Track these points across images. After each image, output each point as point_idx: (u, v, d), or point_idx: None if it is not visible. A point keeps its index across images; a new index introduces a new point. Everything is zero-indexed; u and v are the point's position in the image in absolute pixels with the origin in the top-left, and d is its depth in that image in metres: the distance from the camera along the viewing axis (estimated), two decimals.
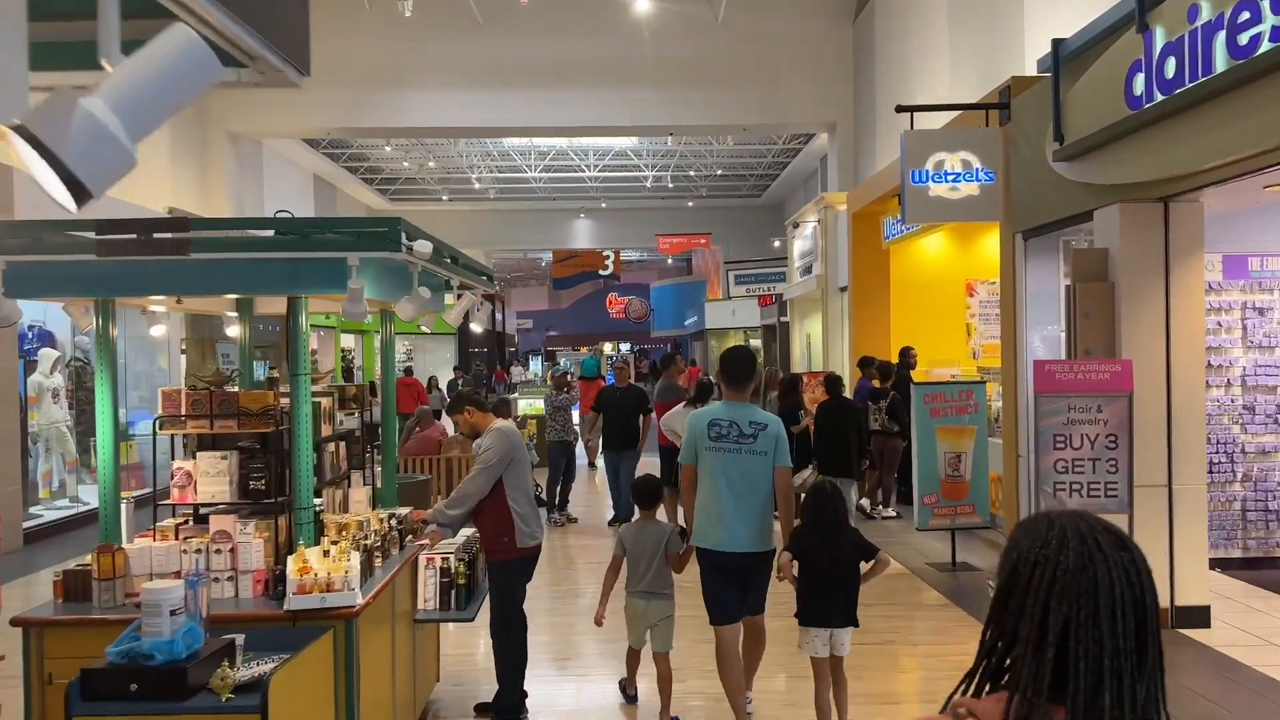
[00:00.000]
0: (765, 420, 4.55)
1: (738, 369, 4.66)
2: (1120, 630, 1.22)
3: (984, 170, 8.01)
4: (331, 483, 4.56)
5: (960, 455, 8.05)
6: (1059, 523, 1.30)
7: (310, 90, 17.41)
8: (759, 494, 4.46)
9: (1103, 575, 1.23)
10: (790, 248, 16.57)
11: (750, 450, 4.44)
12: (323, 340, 27.22)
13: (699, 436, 4.51)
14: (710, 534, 4.46)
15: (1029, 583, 1.27)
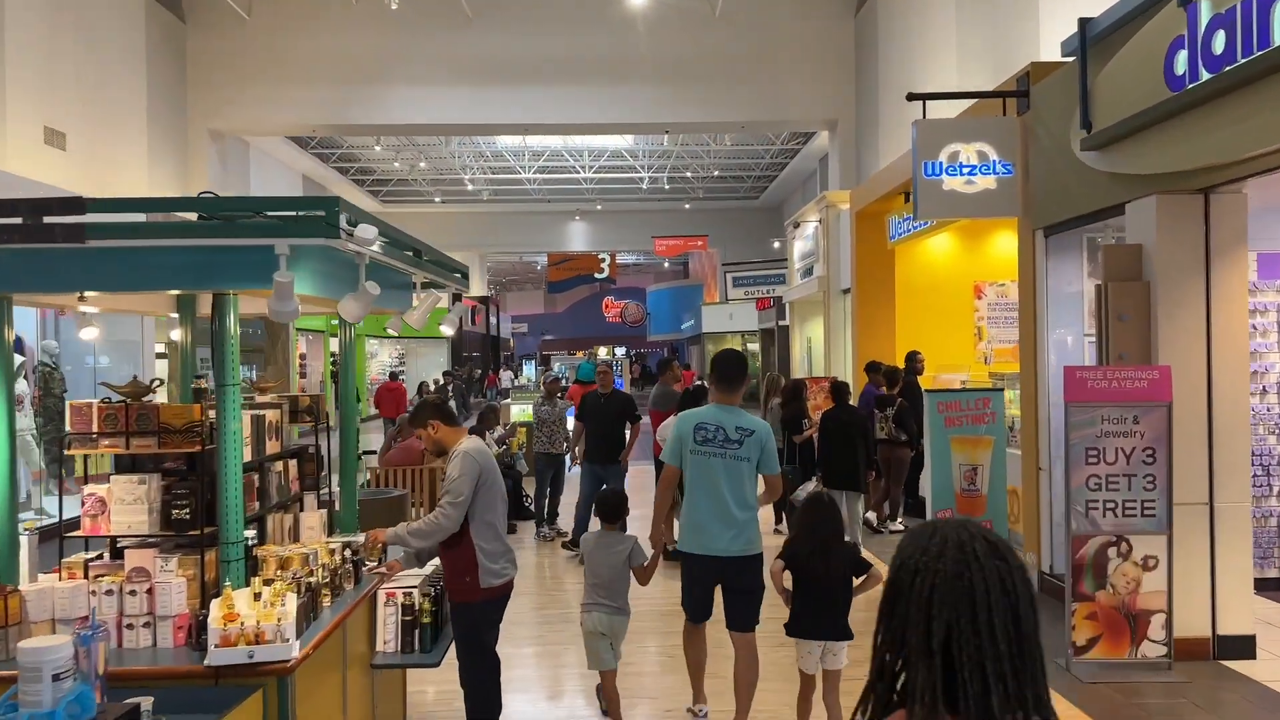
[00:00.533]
0: (753, 426, 4.51)
1: (729, 371, 4.62)
2: (999, 635, 1.24)
3: (1001, 162, 7.47)
4: (279, 507, 4.01)
5: (976, 468, 7.50)
6: (941, 531, 1.33)
7: (294, 86, 16.88)
8: (740, 499, 4.43)
9: (978, 581, 1.26)
10: (790, 249, 16.05)
11: (735, 455, 4.42)
12: (311, 344, 26.65)
13: (685, 439, 4.49)
14: (693, 538, 4.47)
15: (911, 589, 1.29)
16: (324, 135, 17.75)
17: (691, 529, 4.49)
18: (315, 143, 24.69)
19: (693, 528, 4.48)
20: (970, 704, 1.23)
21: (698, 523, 4.45)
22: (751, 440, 4.46)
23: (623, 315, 55.61)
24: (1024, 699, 1.24)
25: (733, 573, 4.47)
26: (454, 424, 4.30)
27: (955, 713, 1.25)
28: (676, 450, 4.53)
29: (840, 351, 13.58)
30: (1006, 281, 12.60)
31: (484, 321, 39.55)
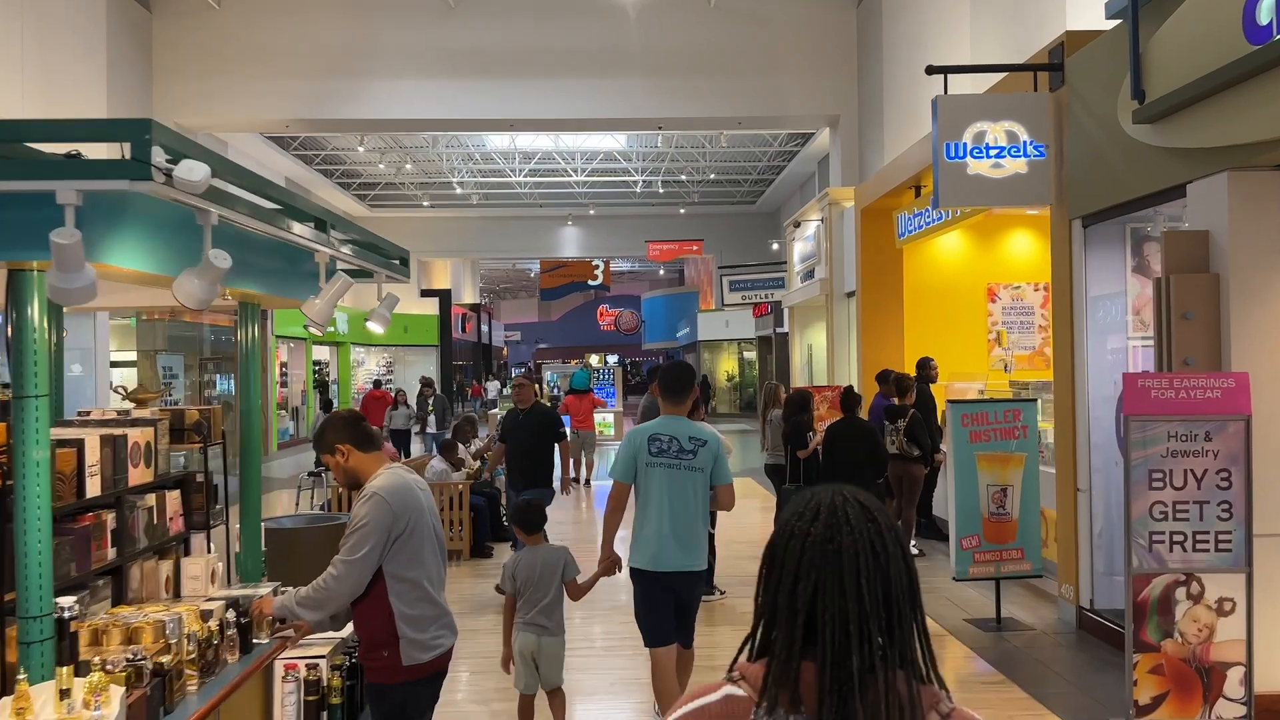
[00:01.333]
0: (705, 435, 4.47)
1: (675, 382, 4.57)
2: (865, 595, 1.26)
3: (1033, 143, 6.62)
4: (149, 553, 3.12)
5: (1006, 489, 6.63)
6: (817, 496, 1.35)
7: (267, 79, 16.00)
8: (696, 512, 4.40)
9: (847, 544, 1.28)
10: (789, 251, 15.20)
11: (689, 466, 4.37)
12: (293, 352, 25.75)
13: (639, 452, 4.39)
14: (651, 554, 4.36)
15: (785, 553, 1.32)
16: (299, 131, 16.88)
17: (646, 544, 4.36)
18: (297, 144, 23.84)
19: (648, 543, 4.36)
20: (827, 658, 1.25)
21: (654, 537, 4.35)
22: (705, 450, 4.40)
23: (617, 323, 54.80)
24: (888, 659, 1.25)
25: (682, 587, 4.41)
26: (370, 448, 3.37)
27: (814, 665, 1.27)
28: (630, 465, 4.40)
29: (844, 359, 12.71)
30: (1022, 284, 11.78)
31: (475, 329, 38.69)
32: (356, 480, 3.38)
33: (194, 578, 3.23)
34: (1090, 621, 6.43)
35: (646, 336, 48.05)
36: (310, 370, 25.70)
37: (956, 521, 6.61)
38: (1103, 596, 6.43)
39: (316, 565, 3.31)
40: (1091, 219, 6.38)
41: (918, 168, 10.06)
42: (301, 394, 25.08)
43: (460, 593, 7.84)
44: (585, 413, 15.07)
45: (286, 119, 15.44)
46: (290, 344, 25.07)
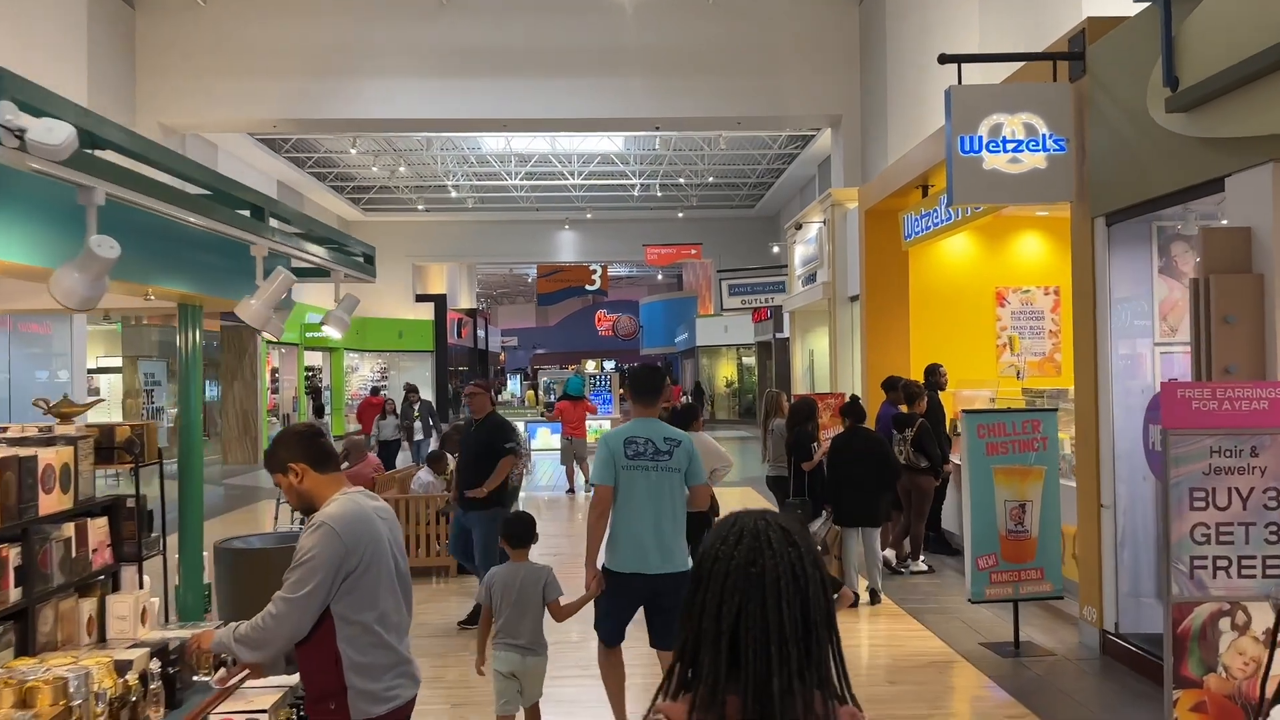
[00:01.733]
0: (679, 436, 4.52)
1: (645, 385, 4.61)
2: (785, 619, 1.27)
3: (1053, 136, 6.23)
4: (65, 591, 2.71)
5: (1025, 504, 6.22)
6: (740, 521, 1.37)
7: (253, 78, 15.61)
8: (673, 512, 4.42)
9: (769, 569, 1.29)
10: (790, 254, 14.81)
11: (667, 468, 4.40)
12: (284, 358, 25.32)
13: (617, 455, 4.39)
14: (627, 556, 4.37)
15: (709, 577, 1.32)
16: (287, 132, 16.49)
17: (626, 547, 4.37)
18: (289, 146, 23.47)
19: (628, 546, 4.37)
20: (750, 683, 1.26)
21: (634, 540, 4.35)
22: (680, 450, 4.44)
23: (615, 328, 54.38)
24: (806, 681, 1.27)
25: (664, 591, 4.37)
26: (327, 467, 2.95)
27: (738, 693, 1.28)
28: (610, 469, 4.39)
29: (848, 365, 12.32)
30: (1031, 287, 11.40)
31: (471, 334, 38.26)
32: (311, 504, 2.97)
33: (121, 618, 2.83)
34: (1115, 647, 6.02)
35: (644, 342, 47.63)
36: (302, 376, 25.29)
37: (972, 539, 6.20)
38: (1128, 620, 6.03)
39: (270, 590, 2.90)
40: (1116, 217, 5.99)
41: (925, 166, 9.68)
42: (293, 400, 24.65)
43: (444, 613, 7.43)
44: (579, 420, 14.65)
45: (274, 119, 15.06)
46: (281, 349, 24.66)
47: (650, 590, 4.40)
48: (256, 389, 20.79)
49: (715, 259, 32.05)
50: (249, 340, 20.66)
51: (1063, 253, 11.69)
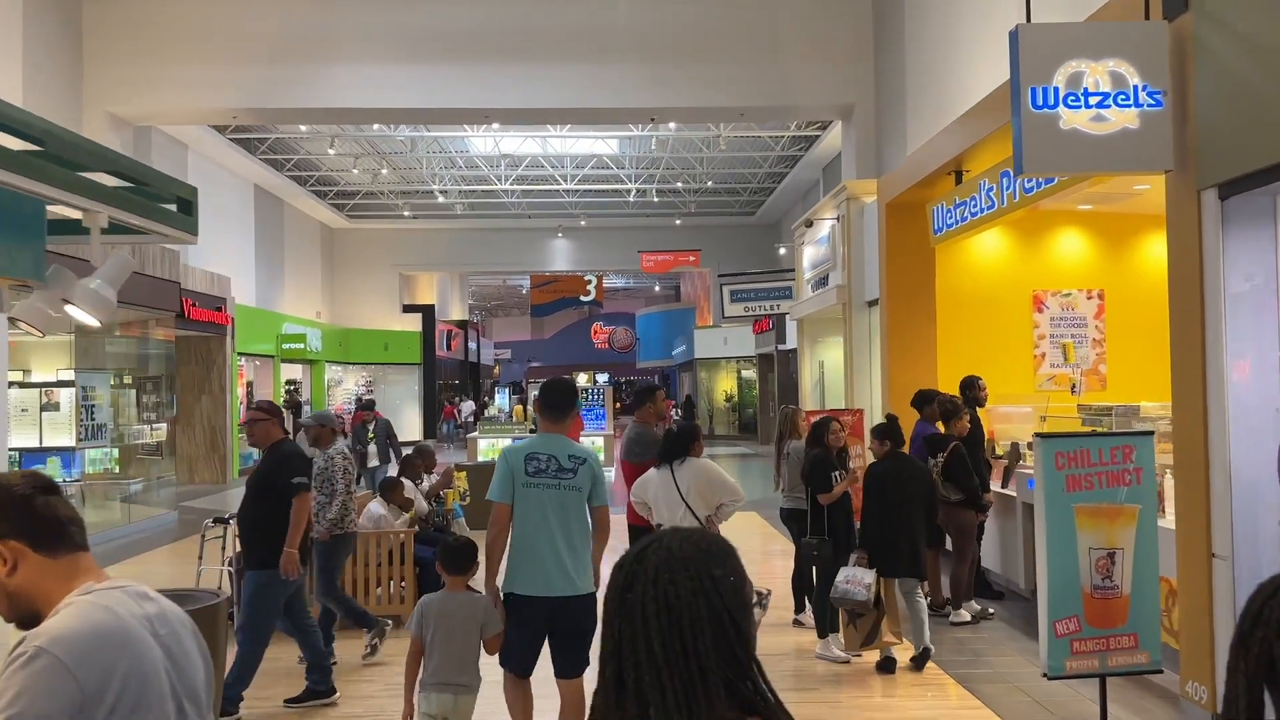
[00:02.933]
0: (584, 454, 4.31)
1: (555, 399, 4.41)
2: (656, 648, 1.25)
3: (1146, 88, 4.95)
4: None
5: (1114, 553, 4.91)
6: (643, 543, 1.36)
7: (212, 63, 14.31)
8: (577, 532, 4.21)
9: (638, 594, 1.28)
10: (798, 256, 13.53)
11: (570, 486, 4.19)
12: (259, 369, 24.00)
13: (516, 471, 4.18)
14: (525, 578, 4.14)
15: (606, 603, 1.33)
16: (248, 121, 15.12)
17: (526, 569, 4.16)
18: (265, 147, 22.24)
19: (528, 567, 4.16)
20: (628, 711, 1.25)
21: (534, 562, 4.15)
22: (584, 469, 4.26)
23: (611, 341, 53.19)
24: (697, 713, 1.23)
25: (567, 614, 4.17)
26: (56, 547, 1.69)
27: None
28: (507, 486, 4.19)
29: (865, 377, 11.03)
30: (1073, 290, 10.16)
31: (461, 347, 36.98)
32: (27, 611, 1.70)
33: None
34: None
35: (641, 355, 46.43)
36: (279, 390, 23.95)
37: (1049, 599, 4.88)
38: None
39: None
40: (1231, 188, 4.70)
41: (958, 149, 8.43)
42: None
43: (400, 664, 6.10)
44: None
45: (234, 108, 13.78)
46: (256, 361, 23.34)
47: (552, 613, 4.15)
48: (226, 403, 19.45)
49: (714, 267, 30.83)
50: (218, 351, 19.35)
51: (1107, 251, 10.49)
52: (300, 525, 5.26)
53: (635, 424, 6.24)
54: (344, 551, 6.42)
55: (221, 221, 21.58)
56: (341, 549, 6.38)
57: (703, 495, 5.35)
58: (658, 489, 5.44)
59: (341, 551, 6.39)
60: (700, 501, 5.36)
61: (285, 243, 26.05)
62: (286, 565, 5.19)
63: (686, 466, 5.39)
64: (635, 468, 6.02)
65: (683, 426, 5.59)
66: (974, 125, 8.07)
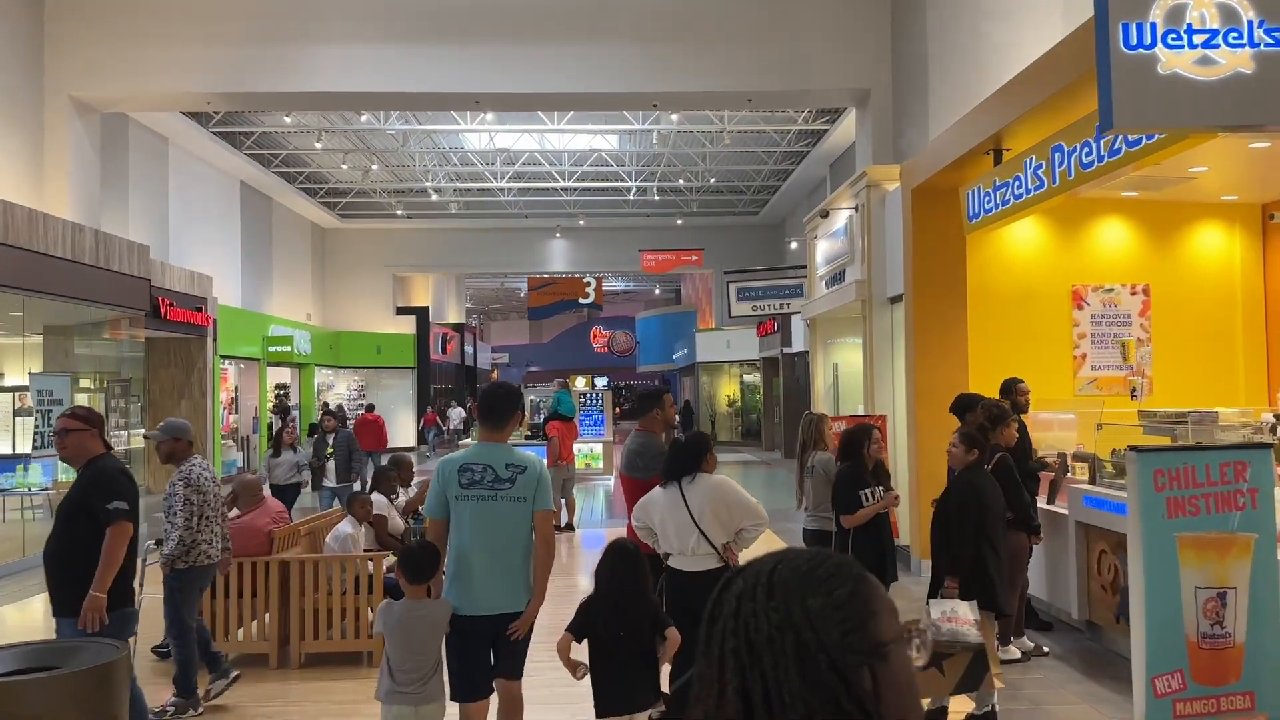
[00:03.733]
0: (524, 462, 4.03)
1: (495, 405, 4.14)
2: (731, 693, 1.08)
3: (1263, 24, 4.06)
4: None
5: (1225, 593, 4.02)
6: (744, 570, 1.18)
7: (183, 45, 13.32)
8: (518, 546, 3.98)
9: (718, 629, 1.12)
10: (810, 252, 12.65)
11: (509, 497, 3.95)
12: (244, 373, 23.09)
13: (448, 483, 3.98)
14: (461, 595, 3.93)
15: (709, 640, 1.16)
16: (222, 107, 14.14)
17: (463, 586, 3.91)
18: (251, 142, 21.36)
19: (465, 584, 3.91)
20: None
21: (471, 578, 3.91)
22: (524, 477, 3.97)
23: (610, 344, 52.34)
24: None
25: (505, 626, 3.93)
26: None
27: None
28: (441, 498, 3.98)
29: (886, 381, 10.11)
30: (1115, 285, 9.28)
31: (457, 350, 36.09)
32: None
33: None
34: None
35: (641, 359, 45.56)
36: (264, 396, 23.04)
37: (1146, 650, 3.98)
38: None
39: None
40: None
41: (998, 124, 7.53)
42: (253, 422, 22.38)
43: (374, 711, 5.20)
44: (571, 443, 12.49)
45: (208, 92, 12.88)
46: (241, 365, 22.44)
47: (489, 631, 3.96)
48: (207, 409, 18.53)
49: (716, 268, 29.96)
50: (198, 354, 18.43)
51: (1153, 243, 9.58)
52: (113, 562, 4.22)
53: (638, 433, 5.32)
54: (192, 586, 5.45)
55: (204, 219, 20.69)
56: (189, 583, 5.42)
57: (719, 518, 4.46)
58: (665, 511, 4.55)
59: (189, 586, 5.42)
60: (716, 526, 4.46)
61: (273, 242, 25.17)
62: (89, 611, 4.14)
63: (698, 484, 4.50)
64: (638, 484, 5.12)
65: (692, 437, 4.69)
66: (1016, 97, 7.18)
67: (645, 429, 5.30)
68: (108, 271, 12.10)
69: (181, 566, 5.35)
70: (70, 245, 11.15)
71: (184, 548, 5.34)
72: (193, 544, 5.38)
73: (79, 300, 11.30)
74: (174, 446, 5.46)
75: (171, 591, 5.35)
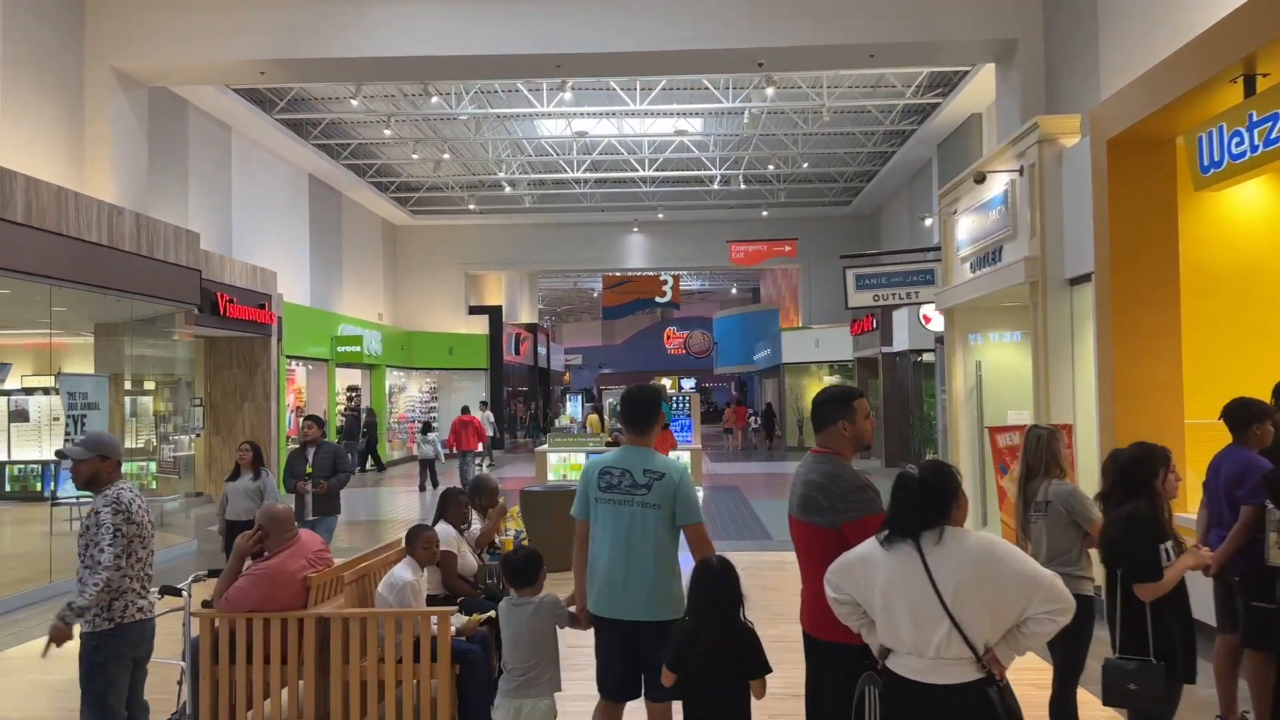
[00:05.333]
0: (663, 468, 3.89)
1: (638, 410, 4.02)
2: None
3: None
4: None
5: None
6: None
7: (233, 10, 12.06)
8: (650, 554, 3.83)
9: None
10: (945, 232, 10.77)
11: (643, 503, 3.85)
12: (312, 375, 22.01)
13: (590, 484, 3.98)
14: (600, 599, 3.88)
15: None
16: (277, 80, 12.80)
17: (599, 588, 3.88)
18: (318, 131, 20.26)
19: (600, 587, 3.87)
20: None
21: (605, 581, 3.85)
22: (661, 485, 3.84)
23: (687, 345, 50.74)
24: None
25: (646, 638, 3.80)
26: None
27: None
28: (584, 500, 3.98)
29: (1064, 380, 8.20)
30: None
31: (530, 351, 34.82)
32: None
33: None
34: None
35: (719, 360, 43.78)
36: (333, 398, 21.92)
37: None
38: None
39: None
40: None
41: (1253, 43, 5.64)
42: None
43: None
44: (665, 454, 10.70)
45: (259, 59, 11.59)
46: (309, 365, 21.35)
47: (626, 637, 3.82)
48: (271, 412, 17.37)
49: (805, 263, 28.05)
50: (262, 354, 17.28)
51: None
52: None
53: (819, 457, 3.58)
54: (121, 657, 3.96)
55: (270, 212, 19.63)
56: (115, 651, 3.93)
57: (990, 603, 2.75)
58: (891, 585, 2.85)
59: (116, 656, 3.93)
60: (983, 615, 2.75)
61: (344, 238, 24.14)
62: None
63: (952, 546, 2.80)
64: (821, 534, 3.41)
65: (933, 469, 2.96)
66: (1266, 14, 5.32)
67: (829, 449, 3.58)
68: (151, 260, 10.85)
69: (104, 627, 3.87)
70: (107, 230, 9.90)
71: (109, 595, 3.84)
72: (120, 591, 3.90)
73: (115, 292, 10.05)
74: (98, 468, 4.03)
75: (91, 668, 3.86)
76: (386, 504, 17.50)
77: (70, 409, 9.46)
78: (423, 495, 18.39)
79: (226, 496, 7.96)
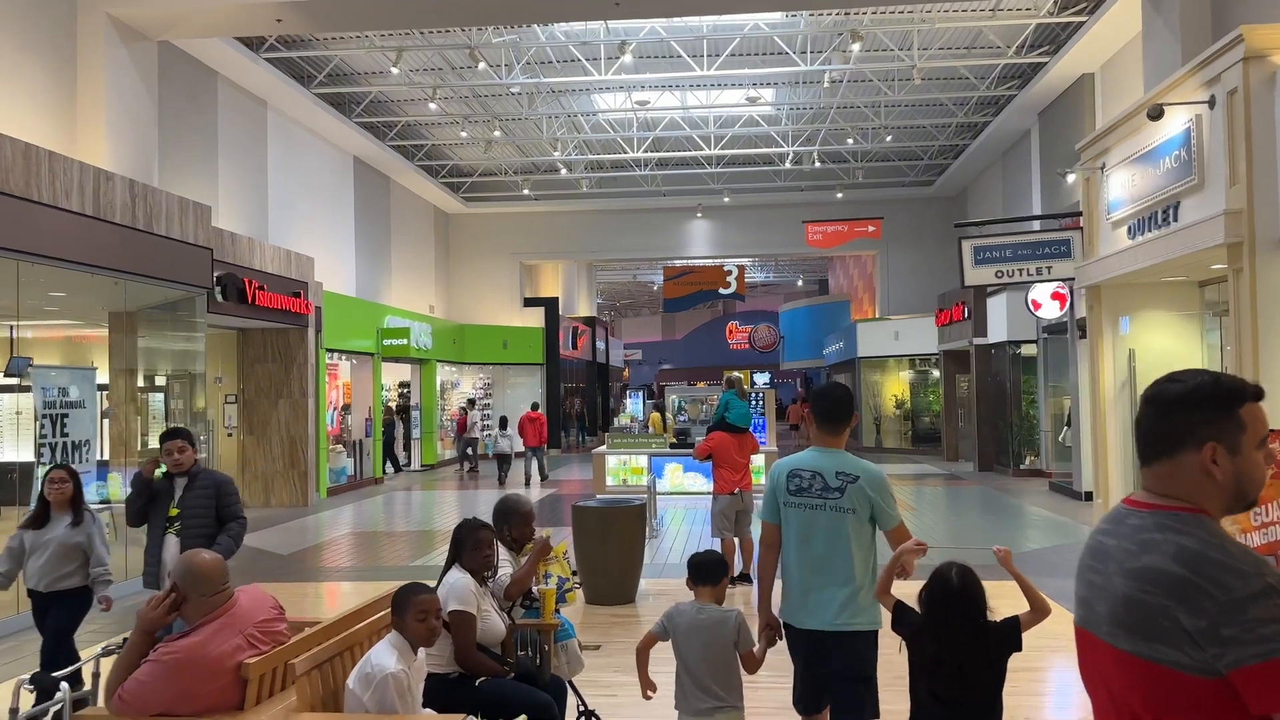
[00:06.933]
0: (857, 470, 3.69)
1: (831, 408, 3.79)
2: None
3: None
4: None
5: None
6: None
7: None
8: (845, 559, 3.63)
9: None
10: (1088, 191, 8.81)
11: (836, 507, 3.65)
12: (356, 370, 20.71)
13: (778, 489, 3.77)
14: (791, 607, 3.72)
15: None
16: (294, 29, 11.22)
17: (789, 596, 3.73)
18: (361, 109, 18.93)
19: (790, 595, 3.72)
20: None
21: (795, 589, 3.69)
22: (854, 488, 3.63)
23: (751, 339, 48.77)
24: None
25: (834, 650, 3.58)
26: None
27: None
28: (772, 504, 3.78)
29: (1275, 368, 6.25)
30: None
31: (588, 346, 33.25)
32: None
33: None
34: None
35: (786, 354, 41.77)
36: (379, 394, 20.57)
37: None
38: None
39: None
40: None
41: None
42: (366, 424, 19.94)
43: None
44: (745, 463, 8.60)
45: (271, 1, 10.10)
46: (353, 360, 20.03)
47: (814, 648, 3.62)
48: (309, 410, 16.03)
49: (883, 248, 25.99)
50: (298, 346, 15.94)
51: None
52: None
53: (1162, 518, 1.79)
54: None
55: (311, 195, 18.31)
56: None
57: None
58: None
59: None
60: None
61: (393, 226, 22.83)
62: None
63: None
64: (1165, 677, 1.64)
65: None
66: None
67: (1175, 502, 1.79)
68: (150, 235, 9.44)
69: None
70: (92, 197, 8.48)
71: None
72: None
73: (101, 270, 8.64)
74: None
75: None
76: (401, 513, 15.58)
77: (48, 407, 8.05)
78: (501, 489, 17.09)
79: (22, 546, 5.23)
